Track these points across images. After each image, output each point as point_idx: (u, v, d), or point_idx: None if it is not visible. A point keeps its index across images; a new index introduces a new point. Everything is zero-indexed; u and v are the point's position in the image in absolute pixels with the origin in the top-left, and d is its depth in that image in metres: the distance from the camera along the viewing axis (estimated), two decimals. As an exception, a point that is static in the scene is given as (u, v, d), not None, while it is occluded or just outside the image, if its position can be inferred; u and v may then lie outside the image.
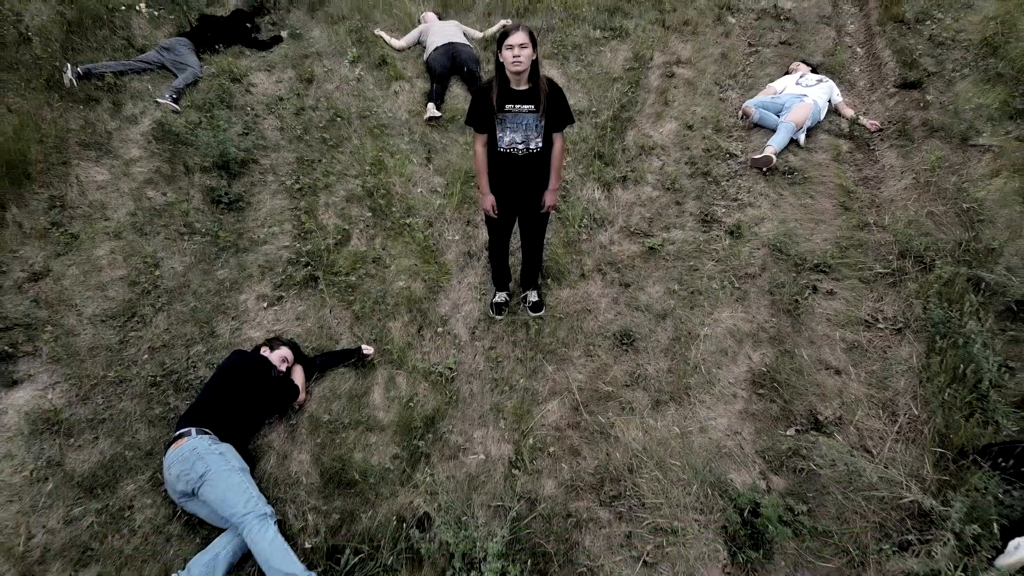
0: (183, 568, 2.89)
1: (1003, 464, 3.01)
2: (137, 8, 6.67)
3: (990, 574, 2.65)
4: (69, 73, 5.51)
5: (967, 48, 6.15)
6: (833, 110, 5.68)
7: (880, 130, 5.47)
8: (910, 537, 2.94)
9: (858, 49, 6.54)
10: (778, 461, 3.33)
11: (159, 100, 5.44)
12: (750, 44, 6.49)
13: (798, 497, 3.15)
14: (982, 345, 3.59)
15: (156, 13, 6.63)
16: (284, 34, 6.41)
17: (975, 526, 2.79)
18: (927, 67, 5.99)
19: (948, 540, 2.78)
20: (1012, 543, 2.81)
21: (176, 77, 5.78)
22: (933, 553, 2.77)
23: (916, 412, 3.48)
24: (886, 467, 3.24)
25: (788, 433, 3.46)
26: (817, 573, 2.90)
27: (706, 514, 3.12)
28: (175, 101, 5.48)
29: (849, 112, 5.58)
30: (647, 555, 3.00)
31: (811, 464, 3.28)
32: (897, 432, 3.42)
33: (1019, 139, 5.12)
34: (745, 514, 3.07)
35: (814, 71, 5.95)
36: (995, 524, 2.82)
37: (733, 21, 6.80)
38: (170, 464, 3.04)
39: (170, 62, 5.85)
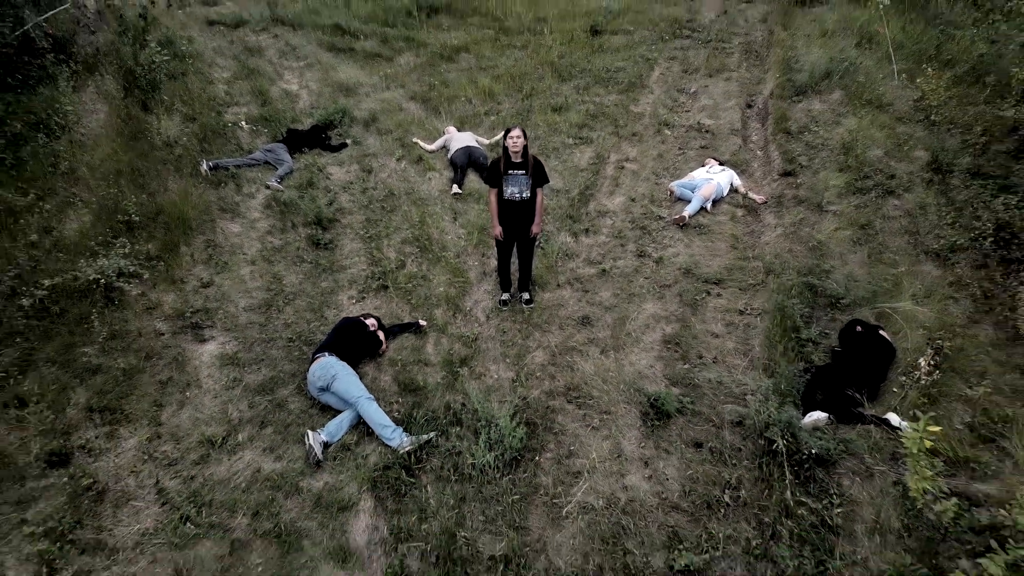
0: (322, 427, 4.99)
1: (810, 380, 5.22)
2: (240, 125, 9.34)
3: (785, 414, 4.80)
4: (204, 166, 8.04)
5: (831, 149, 8.78)
6: (734, 189, 8.19)
7: (765, 202, 7.97)
8: (744, 405, 5.10)
9: (758, 152, 9.19)
10: (675, 379, 5.51)
11: (268, 184, 7.94)
12: (679, 148, 9.14)
13: (684, 395, 5.31)
14: (802, 319, 5.87)
15: (254, 128, 9.29)
16: (349, 141, 9.04)
17: (775, 398, 4.97)
18: (801, 162, 8.59)
19: (759, 396, 4.95)
20: (810, 414, 4.97)
21: (277, 169, 8.31)
22: (748, 401, 4.93)
23: (760, 356, 5.69)
24: (737, 380, 5.42)
25: (684, 366, 5.66)
26: (696, 433, 5.01)
27: (630, 403, 5.27)
28: (280, 183, 7.97)
29: (743, 190, 8.09)
30: (594, 423, 5.12)
31: (695, 379, 5.46)
32: (748, 364, 5.62)
33: (855, 207, 7.60)
34: (653, 402, 5.21)
35: (721, 164, 8.53)
36: (794, 402, 4.99)
37: (668, 133, 9.50)
38: (313, 371, 5.20)
39: (272, 159, 8.41)
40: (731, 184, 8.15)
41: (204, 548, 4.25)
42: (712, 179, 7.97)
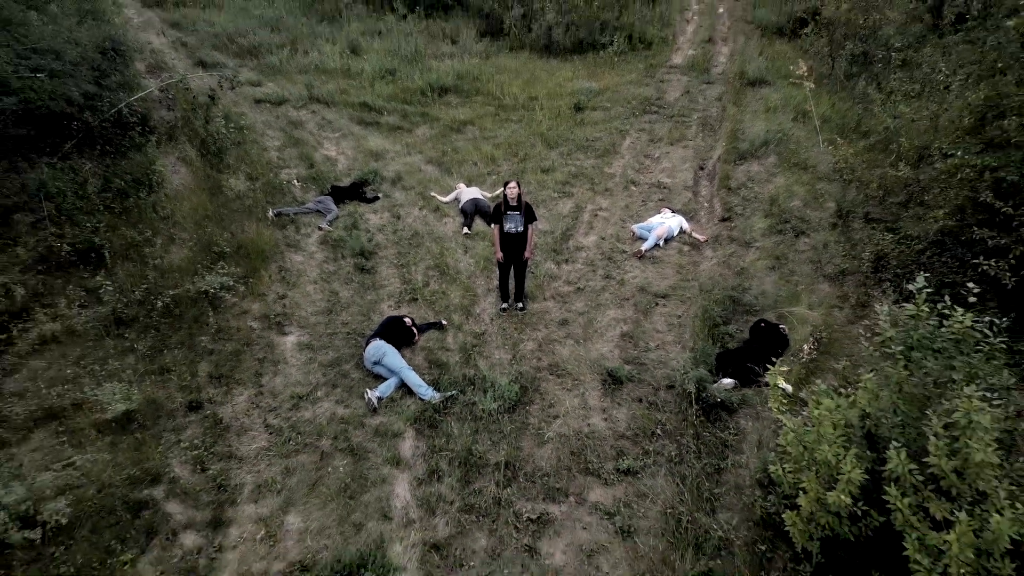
0: (376, 388, 7.11)
1: (720, 355, 7.39)
2: (293, 183, 11.72)
3: (697, 372, 6.94)
4: (270, 213, 10.36)
5: (761, 201, 11.13)
6: (683, 231, 10.48)
7: (705, 241, 10.26)
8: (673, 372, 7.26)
9: (704, 203, 11.56)
10: (628, 359, 7.66)
11: (320, 227, 10.24)
12: (642, 201, 11.51)
13: (633, 369, 7.46)
14: (721, 319, 8.08)
15: (304, 185, 11.66)
16: (380, 195, 11.40)
17: (692, 364, 7.13)
18: (737, 210, 10.93)
19: (683, 366, 7.12)
20: (723, 380, 7.12)
21: (325, 216, 10.61)
22: (676, 371, 7.09)
23: (689, 343, 7.87)
24: (671, 359, 7.58)
25: (634, 351, 7.82)
26: (640, 392, 7.14)
27: (594, 374, 7.41)
28: (330, 226, 10.27)
29: (689, 231, 10.39)
30: (568, 386, 7.25)
31: (642, 359, 7.62)
32: (680, 349, 7.78)
33: (774, 243, 9.90)
34: (610, 373, 7.35)
35: (674, 212, 10.85)
36: (708, 369, 7.14)
37: (634, 188, 11.89)
38: (368, 351, 7.35)
39: (322, 208, 10.73)
40: (680, 227, 10.45)
41: (303, 457, 6.33)
42: (665, 223, 10.28)
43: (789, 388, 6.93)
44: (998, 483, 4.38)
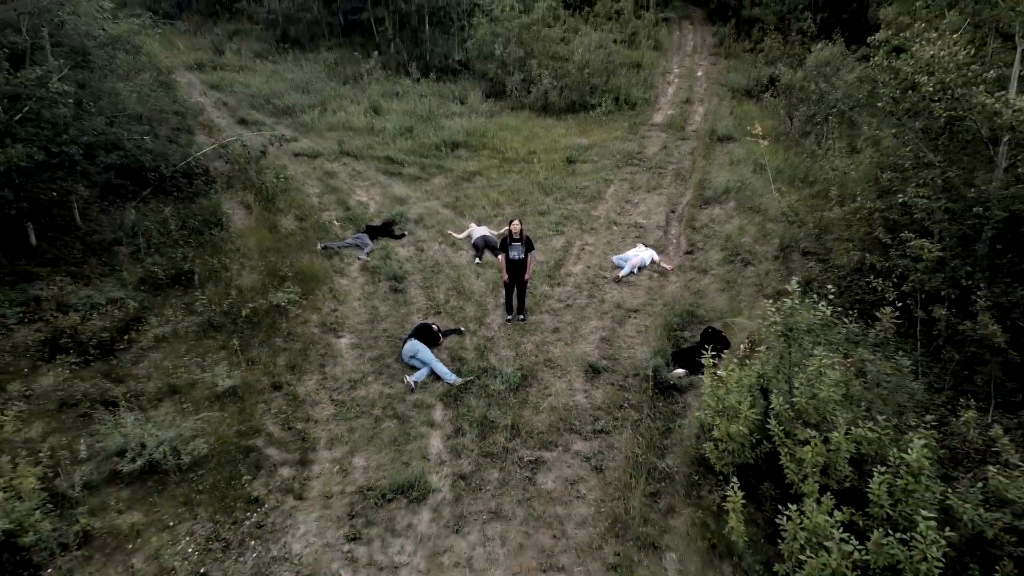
0: (412, 375, 9.39)
1: (675, 353, 9.71)
2: (333, 222, 14.17)
3: (655, 361, 9.25)
4: (318, 246, 12.78)
5: (719, 238, 13.56)
6: (654, 262, 12.86)
7: (671, 270, 12.64)
8: (639, 364, 9.56)
9: (673, 240, 13.98)
10: (605, 356, 9.95)
11: (359, 257, 12.64)
12: (622, 238, 13.92)
13: (609, 363, 9.75)
14: (679, 327, 10.42)
15: (342, 224, 14.11)
16: (406, 232, 13.81)
17: (652, 357, 9.45)
18: (699, 246, 13.34)
19: (647, 359, 9.43)
20: (677, 370, 9.43)
21: (363, 249, 13.00)
22: (641, 363, 9.41)
23: (653, 344, 10.17)
24: (638, 355, 9.89)
25: (610, 350, 10.12)
26: (614, 379, 9.42)
27: (579, 367, 9.70)
28: (367, 257, 12.66)
29: (658, 261, 12.78)
30: (558, 375, 9.54)
31: (616, 356, 9.92)
32: (646, 349, 10.09)
33: (726, 271, 12.28)
34: (591, 365, 9.64)
35: (647, 246, 13.24)
36: (665, 361, 9.45)
37: (616, 228, 14.33)
38: (406, 348, 9.65)
39: (359, 243, 13.14)
40: (651, 259, 12.83)
41: (361, 421, 8.58)
42: (639, 255, 12.67)
43: (723, 373, 9.20)
44: (839, 414, 6.68)
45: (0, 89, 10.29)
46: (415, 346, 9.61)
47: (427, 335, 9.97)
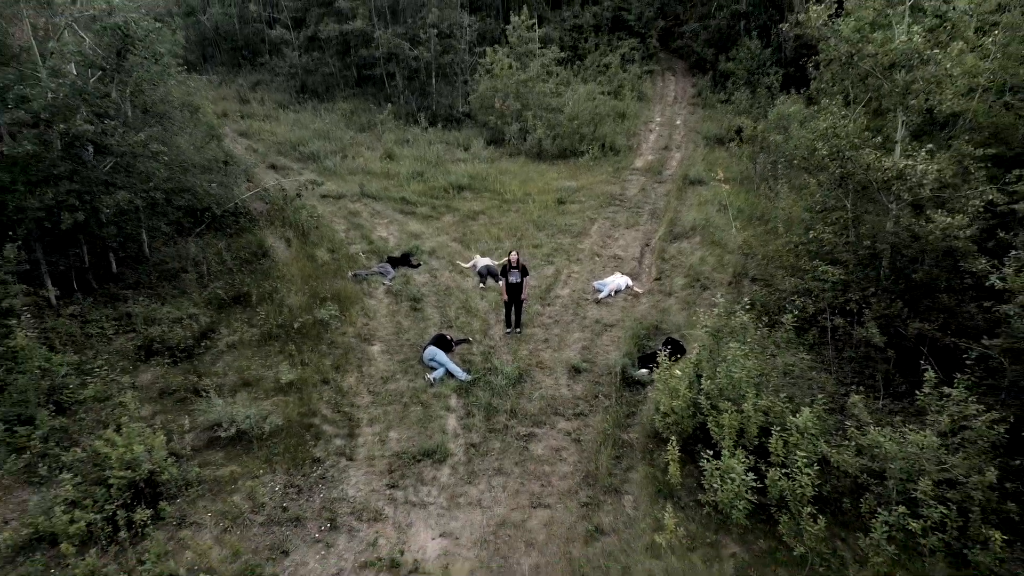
0: (432, 374, 11.89)
1: (640, 356, 12.26)
2: (360, 254, 16.77)
3: (624, 361, 11.78)
4: (349, 274, 15.37)
5: (683, 267, 16.16)
6: (628, 286, 15.42)
7: (642, 293, 15.21)
8: (612, 365, 12.10)
9: (645, 268, 16.58)
10: (585, 359, 12.47)
11: (384, 283, 15.21)
12: (603, 267, 16.52)
13: (588, 364, 12.26)
14: (645, 337, 12.97)
15: (367, 255, 16.71)
16: (421, 263, 16.41)
17: (622, 358, 12.00)
18: (666, 273, 15.94)
19: (618, 361, 11.97)
20: (642, 369, 11.97)
21: (386, 276, 15.56)
22: (614, 363, 11.95)
23: (623, 349, 12.69)
24: (611, 358, 12.42)
25: (589, 355, 12.65)
26: (592, 377, 11.93)
27: (564, 367, 12.22)
28: (390, 283, 15.24)
29: (632, 286, 15.35)
30: (547, 374, 12.05)
31: (593, 359, 12.44)
32: (619, 353, 12.61)
33: (687, 294, 14.87)
34: (573, 366, 12.15)
35: (623, 273, 15.81)
36: (631, 363, 11.99)
37: (598, 259, 16.94)
38: (426, 352, 12.15)
39: (383, 271, 15.70)
40: (626, 284, 15.41)
41: (394, 406, 11.06)
42: (616, 280, 15.25)
43: (679, 372, 11.72)
44: (750, 392, 9.20)
45: (113, 149, 12.99)
46: (433, 351, 12.11)
47: (443, 343, 12.48)
